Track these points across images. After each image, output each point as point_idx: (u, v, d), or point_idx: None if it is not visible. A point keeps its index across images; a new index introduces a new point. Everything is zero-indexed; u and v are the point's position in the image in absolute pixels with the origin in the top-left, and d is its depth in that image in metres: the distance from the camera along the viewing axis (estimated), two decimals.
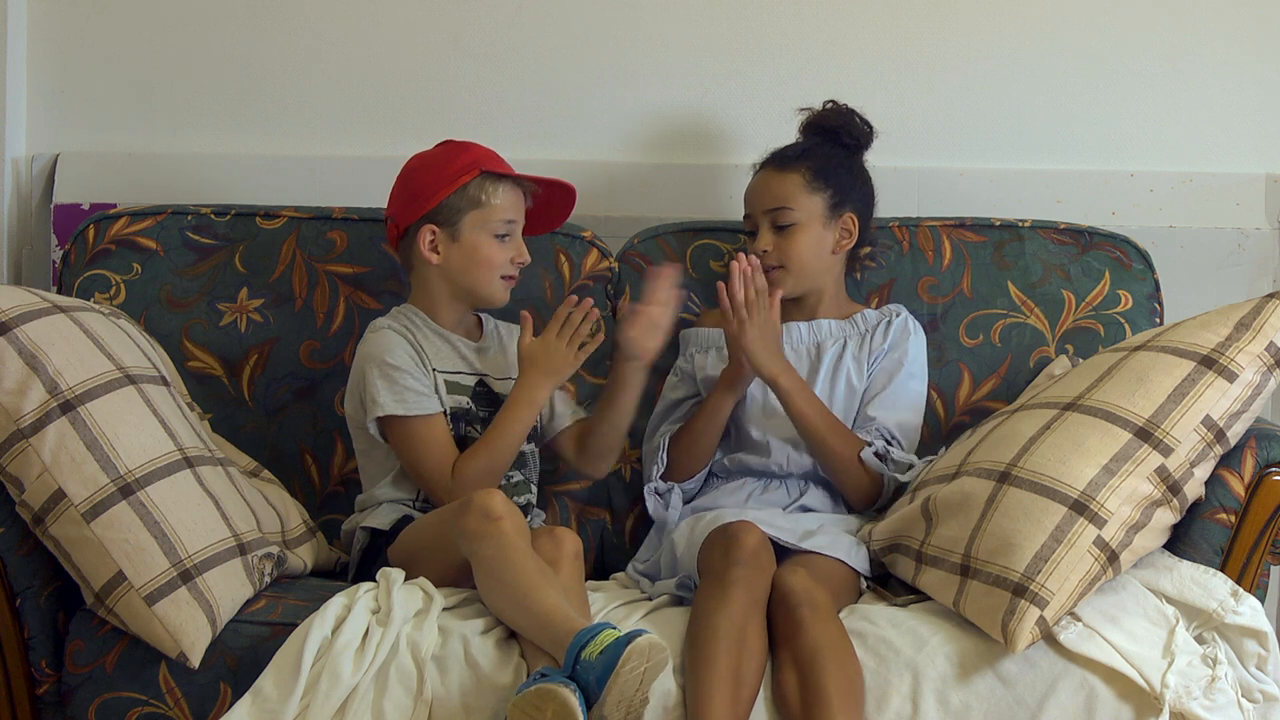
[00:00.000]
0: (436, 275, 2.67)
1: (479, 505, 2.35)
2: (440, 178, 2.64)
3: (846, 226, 2.78)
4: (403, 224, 2.67)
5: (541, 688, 2.11)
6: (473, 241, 2.64)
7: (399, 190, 2.69)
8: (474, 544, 2.33)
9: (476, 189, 2.64)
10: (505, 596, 2.31)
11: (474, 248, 2.65)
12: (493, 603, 2.33)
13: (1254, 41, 3.11)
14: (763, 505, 2.70)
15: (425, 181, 2.65)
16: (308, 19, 3.14)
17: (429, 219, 2.64)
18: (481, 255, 2.65)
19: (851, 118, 2.81)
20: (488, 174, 2.65)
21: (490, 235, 2.65)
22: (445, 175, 2.64)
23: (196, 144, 3.15)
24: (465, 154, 2.66)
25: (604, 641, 2.14)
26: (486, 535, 2.33)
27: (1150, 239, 2.97)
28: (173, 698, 2.33)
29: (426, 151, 2.71)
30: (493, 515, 2.34)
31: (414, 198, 2.65)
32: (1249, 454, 2.42)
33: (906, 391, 2.75)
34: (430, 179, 2.64)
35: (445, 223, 2.64)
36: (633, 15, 3.12)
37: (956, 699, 2.28)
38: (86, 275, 2.85)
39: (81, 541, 2.31)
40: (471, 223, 2.64)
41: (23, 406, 2.32)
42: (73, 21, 3.14)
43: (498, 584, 2.31)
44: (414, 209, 2.65)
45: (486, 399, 2.68)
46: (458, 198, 2.63)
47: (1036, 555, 2.29)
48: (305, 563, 2.62)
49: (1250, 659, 2.37)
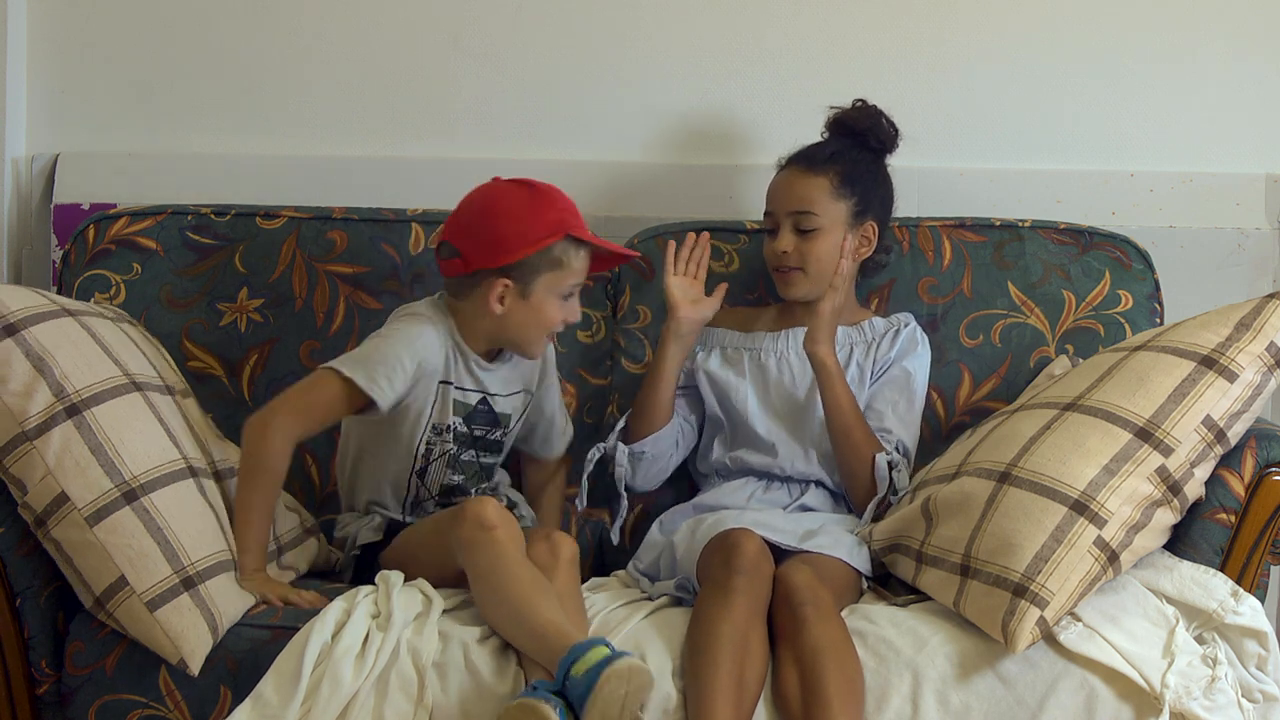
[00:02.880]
0: (489, 322, 2.58)
1: (473, 514, 2.34)
2: (526, 234, 2.52)
3: (867, 235, 2.78)
4: (474, 265, 2.54)
5: (524, 701, 2.12)
6: (540, 302, 2.56)
7: (476, 230, 2.55)
8: (469, 553, 2.33)
9: (560, 251, 2.54)
10: (500, 609, 2.30)
11: (540, 308, 2.56)
12: (488, 615, 2.33)
13: (1254, 41, 3.11)
14: (764, 505, 2.71)
15: (509, 233, 2.52)
16: (308, 19, 3.13)
17: (504, 272, 2.53)
18: (545, 316, 2.57)
19: (879, 120, 2.81)
20: (572, 238, 2.56)
21: (558, 296, 2.57)
22: (532, 233, 2.52)
23: (196, 144, 3.15)
24: (551, 210, 2.55)
25: (591, 660, 2.15)
26: (481, 545, 2.32)
27: (1150, 239, 2.97)
28: (173, 700, 2.33)
29: (508, 191, 2.57)
30: (487, 524, 2.33)
31: (494, 246, 2.52)
32: (1249, 454, 2.42)
33: (914, 409, 2.76)
34: (515, 232, 2.52)
35: (519, 279, 2.53)
36: (633, 15, 3.12)
37: (956, 699, 2.28)
38: (86, 275, 2.85)
39: (84, 545, 2.31)
40: (545, 284, 2.55)
41: (28, 409, 2.32)
42: (73, 21, 3.14)
43: (493, 596, 2.31)
44: (491, 257, 2.53)
45: (485, 417, 2.64)
46: (539, 258, 2.53)
47: (1037, 555, 2.29)
48: (296, 570, 2.61)
49: (1250, 659, 2.37)
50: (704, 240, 2.84)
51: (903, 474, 2.68)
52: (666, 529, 2.70)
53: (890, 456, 2.67)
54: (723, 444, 2.80)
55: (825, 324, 2.69)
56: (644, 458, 2.78)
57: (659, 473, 2.81)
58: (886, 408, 2.74)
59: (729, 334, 2.84)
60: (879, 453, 2.67)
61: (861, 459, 2.67)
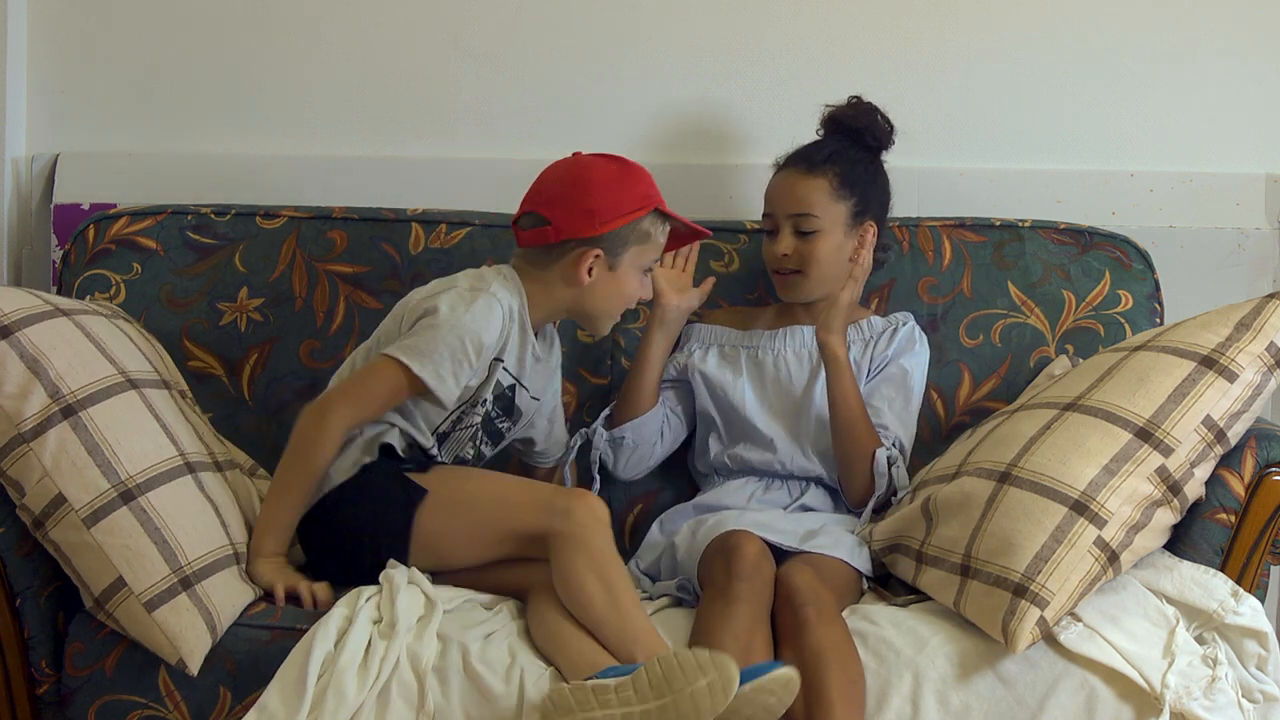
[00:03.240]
0: (572, 293, 2.57)
1: (592, 504, 2.36)
2: (621, 203, 2.53)
3: (865, 234, 2.78)
4: (565, 234, 2.53)
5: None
6: (625, 275, 2.57)
7: (568, 199, 2.54)
8: (581, 529, 2.33)
9: (649, 225, 2.56)
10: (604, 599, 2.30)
11: (624, 281, 2.57)
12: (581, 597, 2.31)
13: (1254, 41, 3.11)
14: (764, 505, 2.71)
15: (602, 204, 2.52)
16: (308, 19, 3.13)
17: (596, 242, 2.53)
18: (628, 289, 2.59)
19: (875, 116, 2.81)
20: (659, 211, 2.58)
21: (640, 271, 2.59)
22: (626, 203, 2.53)
23: (196, 144, 3.15)
24: (641, 183, 2.56)
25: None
26: (597, 530, 2.34)
27: (1150, 239, 2.97)
28: (172, 701, 2.33)
29: (599, 163, 2.58)
30: (601, 518, 2.36)
31: (591, 215, 2.52)
32: (1249, 454, 2.42)
33: (911, 407, 2.76)
34: (611, 202, 2.52)
35: (610, 251, 2.54)
36: (633, 15, 3.12)
37: (957, 699, 2.28)
38: (86, 275, 2.85)
39: (82, 546, 2.31)
40: (632, 257, 2.56)
41: (24, 410, 2.32)
42: (73, 21, 3.14)
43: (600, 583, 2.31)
44: (586, 226, 2.52)
45: (504, 403, 2.61)
46: (629, 230, 2.54)
47: (1037, 555, 2.29)
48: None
49: (1250, 659, 2.37)
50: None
51: (901, 470, 2.68)
52: (667, 529, 2.70)
53: (890, 452, 2.67)
54: (719, 442, 2.80)
55: (840, 314, 2.70)
56: (624, 443, 2.78)
57: (640, 460, 2.81)
58: (883, 405, 2.74)
59: (727, 332, 2.85)
60: (879, 448, 2.67)
61: (862, 453, 2.67)
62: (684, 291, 2.82)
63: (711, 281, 2.86)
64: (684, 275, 2.85)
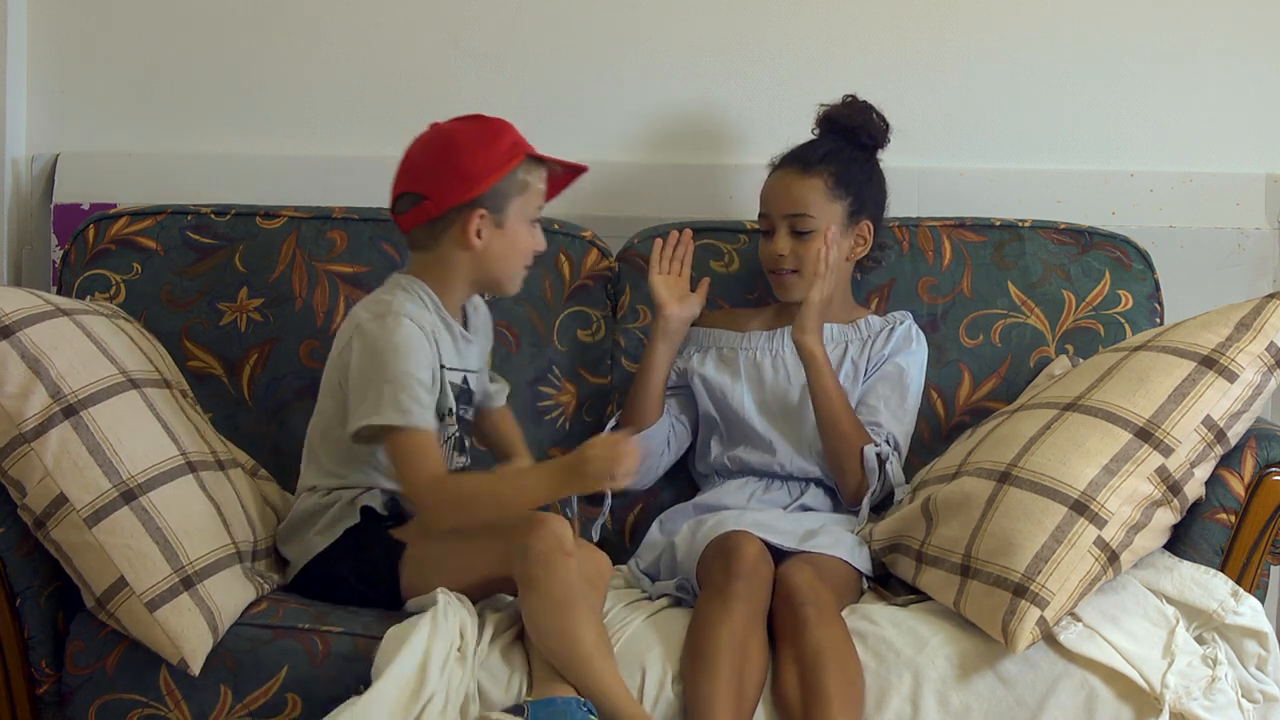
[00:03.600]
0: (467, 261, 2.51)
1: (554, 529, 2.31)
2: (492, 159, 2.47)
3: (862, 234, 2.78)
4: (445, 204, 2.48)
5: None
6: (515, 229, 2.52)
7: (438, 168, 2.49)
8: (540, 570, 2.30)
9: (525, 173, 2.51)
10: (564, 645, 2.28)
11: (516, 235, 2.52)
12: (546, 642, 2.30)
13: (1254, 41, 3.11)
14: (764, 505, 2.71)
15: (474, 165, 2.47)
16: (308, 19, 3.13)
17: (478, 203, 2.47)
18: (522, 243, 2.53)
19: (870, 115, 2.81)
20: (531, 157, 2.53)
21: (527, 221, 2.54)
22: (496, 157, 2.48)
23: (196, 144, 3.15)
24: (506, 135, 2.50)
25: None
26: (556, 568, 2.30)
27: (1150, 239, 2.97)
28: (173, 700, 2.33)
29: (459, 127, 2.52)
30: (566, 548, 2.31)
31: (466, 178, 2.46)
32: (1249, 454, 2.43)
33: (907, 405, 2.76)
34: (482, 160, 2.47)
35: (494, 208, 2.48)
36: (633, 15, 3.12)
37: (957, 699, 2.28)
38: (86, 275, 2.85)
39: (83, 546, 2.31)
40: (516, 209, 2.51)
41: (25, 410, 2.32)
42: (73, 21, 3.14)
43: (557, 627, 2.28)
44: (464, 190, 2.46)
45: (465, 396, 2.59)
46: (507, 182, 2.48)
47: (1037, 555, 2.29)
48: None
49: (1250, 659, 2.37)
50: (686, 238, 2.85)
51: (896, 467, 2.68)
52: (667, 529, 2.70)
53: (880, 449, 2.67)
54: (720, 444, 2.80)
55: (813, 313, 2.69)
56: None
57: (649, 471, 2.80)
58: (879, 402, 2.74)
59: (724, 334, 2.84)
60: (868, 445, 2.67)
61: (850, 450, 2.67)
62: (684, 299, 2.81)
63: (707, 282, 2.85)
64: (681, 280, 2.84)
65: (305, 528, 2.51)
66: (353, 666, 2.30)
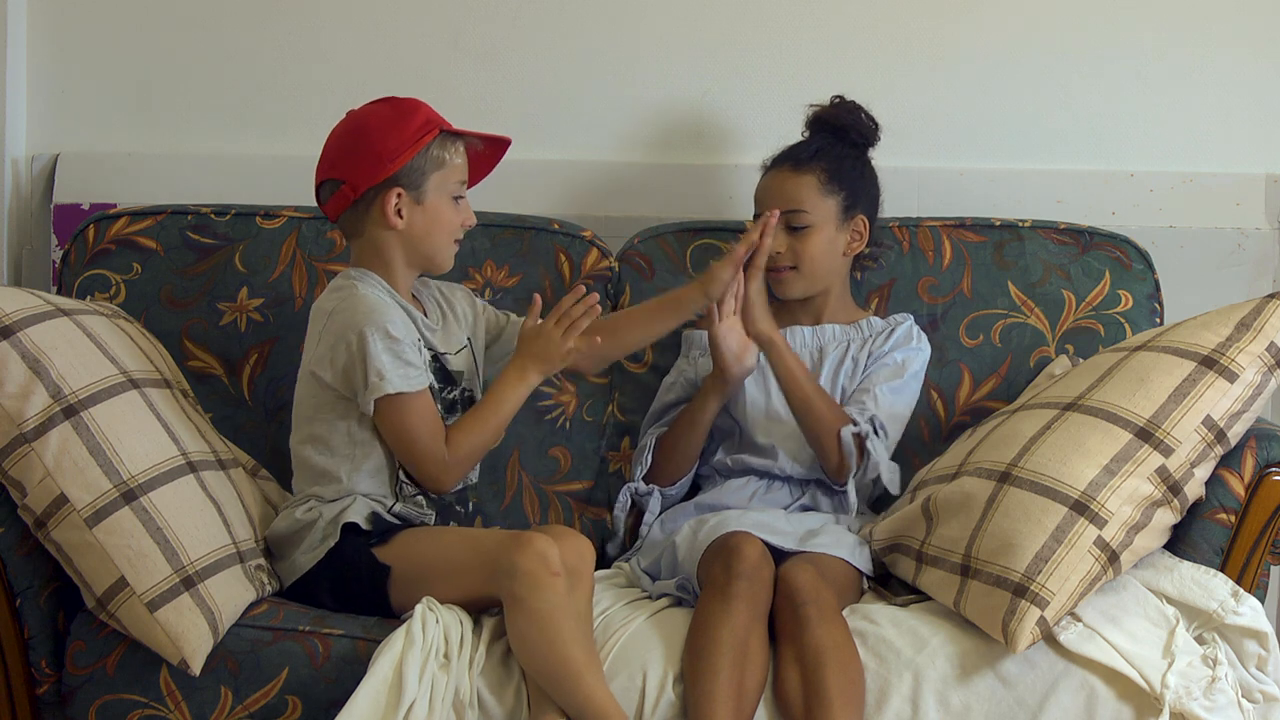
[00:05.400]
0: (395, 241, 2.53)
1: (539, 549, 2.29)
2: (403, 138, 2.50)
3: (858, 229, 2.78)
4: (362, 187, 2.50)
5: None
6: (435, 204, 2.53)
7: (351, 151, 2.52)
8: (525, 588, 2.28)
9: (439, 148, 2.52)
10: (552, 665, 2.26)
11: (437, 211, 2.53)
12: (533, 662, 2.28)
13: (1254, 41, 3.11)
14: (766, 505, 2.71)
15: (386, 144, 2.49)
16: (308, 19, 3.13)
17: (394, 182, 2.49)
18: (445, 219, 2.54)
19: (859, 114, 2.81)
20: (446, 133, 2.55)
21: (449, 197, 2.55)
22: (407, 135, 2.50)
23: (196, 144, 3.15)
24: (418, 112, 2.53)
25: None
26: (543, 587, 2.28)
27: (1150, 239, 2.97)
28: (173, 700, 2.33)
29: (371, 110, 2.56)
30: (552, 567, 2.29)
31: (376, 160, 2.49)
32: (1249, 454, 2.43)
33: (905, 392, 2.75)
34: (394, 138, 2.49)
35: (411, 185, 2.50)
36: (632, 15, 3.12)
37: (957, 699, 2.28)
38: (86, 275, 2.85)
39: (83, 547, 2.31)
40: (435, 185, 2.52)
41: (25, 411, 2.32)
42: (73, 21, 3.13)
43: (544, 646, 2.26)
44: (377, 171, 2.49)
45: (442, 375, 2.58)
46: (421, 159, 2.50)
47: (1037, 555, 2.29)
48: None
49: (1250, 659, 2.37)
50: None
51: (877, 445, 2.67)
52: (668, 528, 2.70)
53: (859, 428, 2.66)
54: (722, 445, 2.80)
55: (756, 305, 2.68)
56: (669, 494, 2.79)
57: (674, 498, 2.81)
58: (871, 387, 2.73)
59: None
60: (845, 426, 2.66)
61: (828, 431, 2.66)
62: (742, 355, 2.71)
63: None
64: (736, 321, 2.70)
65: (290, 547, 2.50)
66: (353, 669, 2.30)
